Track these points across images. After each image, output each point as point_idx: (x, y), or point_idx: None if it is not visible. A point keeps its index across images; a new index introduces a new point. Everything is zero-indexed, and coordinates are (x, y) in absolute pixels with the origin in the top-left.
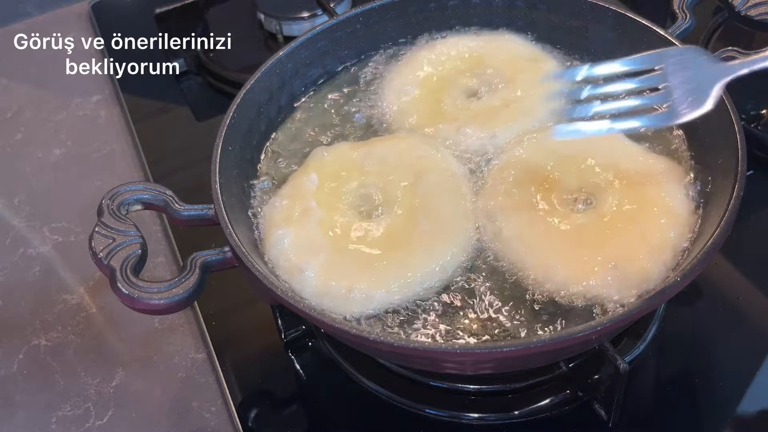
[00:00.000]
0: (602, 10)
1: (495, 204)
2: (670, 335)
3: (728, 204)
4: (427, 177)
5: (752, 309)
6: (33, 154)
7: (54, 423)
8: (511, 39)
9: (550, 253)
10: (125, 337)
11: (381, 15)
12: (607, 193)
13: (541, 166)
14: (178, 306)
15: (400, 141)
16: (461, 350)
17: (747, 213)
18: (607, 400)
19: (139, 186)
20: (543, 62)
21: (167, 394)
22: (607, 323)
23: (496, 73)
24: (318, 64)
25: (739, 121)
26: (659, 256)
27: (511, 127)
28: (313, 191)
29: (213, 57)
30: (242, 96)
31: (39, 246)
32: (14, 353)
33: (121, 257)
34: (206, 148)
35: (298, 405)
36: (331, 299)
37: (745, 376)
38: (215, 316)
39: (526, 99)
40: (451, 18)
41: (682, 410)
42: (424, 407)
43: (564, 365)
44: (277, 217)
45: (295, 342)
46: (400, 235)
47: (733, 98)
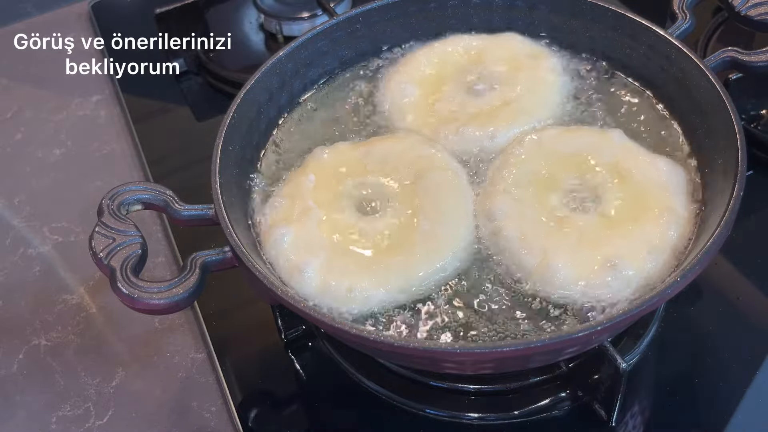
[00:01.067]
0: (602, 10)
1: (495, 204)
2: (670, 335)
3: (728, 204)
4: (427, 176)
5: (752, 309)
6: (33, 154)
7: (54, 423)
8: (511, 37)
9: (549, 253)
10: (125, 337)
11: (381, 15)
12: (607, 193)
13: (541, 165)
14: (178, 306)
15: (400, 141)
16: (461, 350)
17: (747, 213)
18: (607, 400)
19: (139, 186)
20: (543, 59)
21: (167, 394)
22: (607, 323)
23: (496, 70)
24: (318, 64)
25: (739, 121)
26: (659, 256)
27: (511, 126)
28: (312, 191)
29: (213, 57)
30: (242, 96)
31: (39, 246)
32: (14, 353)
33: (121, 257)
34: (206, 148)
35: (298, 405)
36: (331, 299)
37: (745, 376)
38: (215, 316)
39: (526, 98)
40: (451, 18)
41: (682, 410)
42: (424, 407)
43: (564, 365)
44: (276, 217)
45: (295, 342)
46: (400, 235)
47: (733, 98)
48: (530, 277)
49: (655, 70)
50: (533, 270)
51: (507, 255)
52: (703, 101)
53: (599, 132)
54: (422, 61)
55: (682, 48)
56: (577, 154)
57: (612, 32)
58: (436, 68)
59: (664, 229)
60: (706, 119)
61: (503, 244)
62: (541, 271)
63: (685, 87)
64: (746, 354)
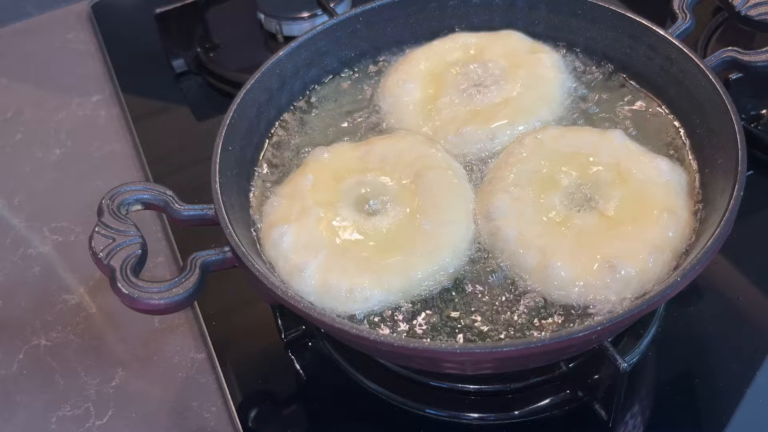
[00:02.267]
0: (602, 10)
1: (494, 203)
2: (670, 335)
3: (728, 204)
4: (426, 176)
5: (752, 309)
6: (33, 154)
7: (54, 423)
8: (510, 34)
9: (549, 253)
10: (125, 337)
11: (381, 15)
12: (607, 193)
13: (540, 165)
14: (178, 306)
15: (399, 140)
16: (461, 350)
17: (747, 213)
18: (607, 400)
19: (139, 186)
20: (543, 54)
21: (167, 394)
22: (607, 323)
23: (496, 68)
24: (318, 64)
25: (739, 121)
26: (659, 256)
27: (511, 125)
28: (311, 191)
29: (213, 57)
30: (242, 96)
31: (39, 246)
32: (14, 353)
33: (121, 257)
34: (206, 148)
35: (298, 405)
36: (331, 299)
37: (745, 376)
38: (215, 316)
39: (526, 96)
40: (451, 18)
41: (682, 410)
42: (424, 407)
43: (564, 365)
44: (275, 217)
45: (295, 342)
46: (399, 234)
47: (733, 98)
48: (529, 277)
49: (655, 70)
50: (532, 270)
51: (506, 255)
52: (703, 101)
53: (599, 132)
54: (421, 60)
55: (683, 48)
56: (577, 153)
57: (612, 32)
58: (435, 66)
59: (663, 230)
60: (706, 119)
61: (502, 244)
62: (540, 271)
63: (685, 87)
64: (746, 354)
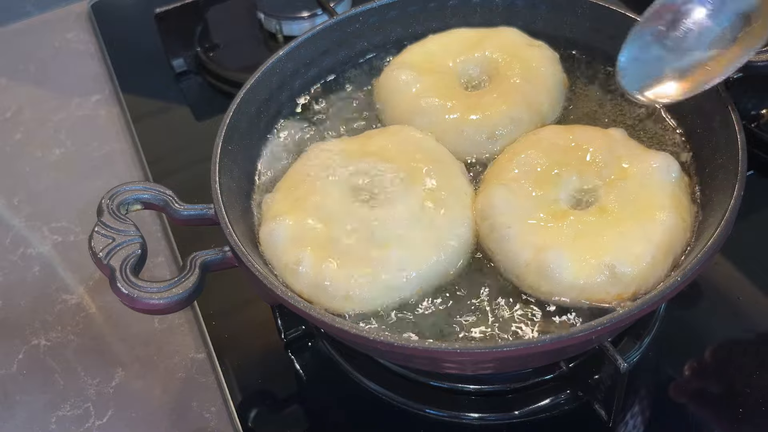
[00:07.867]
0: (602, 10)
1: (493, 199)
2: (670, 335)
3: (728, 204)
4: (423, 171)
5: (752, 309)
6: (33, 154)
7: (54, 423)
8: (508, 29)
9: (549, 252)
10: (125, 337)
11: (381, 14)
12: (606, 191)
13: (540, 162)
14: (178, 306)
15: (396, 134)
16: (461, 350)
17: (747, 213)
18: (607, 400)
19: (138, 186)
20: (541, 48)
21: (167, 394)
22: (607, 323)
23: (495, 64)
24: (318, 63)
25: (739, 121)
26: (658, 256)
27: (510, 122)
28: (309, 187)
29: (213, 57)
30: (242, 96)
31: (39, 246)
32: (14, 353)
33: (120, 257)
34: (206, 148)
35: (298, 405)
36: (329, 297)
37: (745, 376)
38: (215, 316)
39: (526, 93)
40: (450, 17)
41: (683, 410)
42: (424, 407)
43: (564, 365)
44: (271, 213)
45: (295, 342)
46: (397, 231)
47: (733, 98)
48: (528, 274)
49: None
50: (531, 268)
51: (504, 252)
52: (703, 101)
53: (599, 130)
54: (421, 59)
55: None
56: (576, 151)
57: (612, 32)
58: (433, 62)
59: (663, 229)
60: (706, 119)
61: (501, 241)
62: (538, 269)
63: None
64: (746, 354)
